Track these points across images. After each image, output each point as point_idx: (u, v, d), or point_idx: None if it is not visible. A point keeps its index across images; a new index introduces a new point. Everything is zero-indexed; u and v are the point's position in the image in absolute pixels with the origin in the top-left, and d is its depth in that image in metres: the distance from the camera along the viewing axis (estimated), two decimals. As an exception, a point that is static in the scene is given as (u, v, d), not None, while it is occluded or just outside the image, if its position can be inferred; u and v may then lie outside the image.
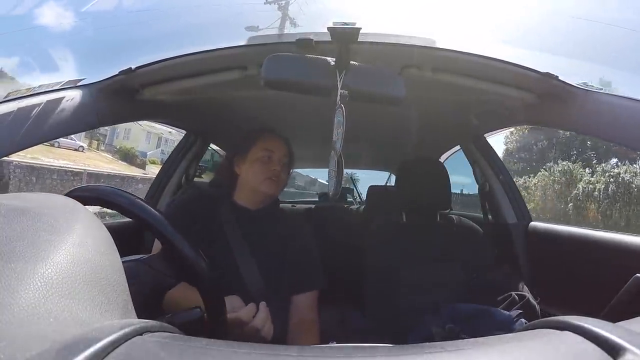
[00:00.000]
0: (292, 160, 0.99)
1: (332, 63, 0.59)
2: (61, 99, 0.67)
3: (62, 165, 11.19)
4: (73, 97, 0.69)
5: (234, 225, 0.86)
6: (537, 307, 0.95)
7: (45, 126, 0.63)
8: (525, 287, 1.01)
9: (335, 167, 0.58)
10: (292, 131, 1.56)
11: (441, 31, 0.79)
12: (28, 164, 9.53)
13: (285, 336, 0.84)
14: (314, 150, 2.04)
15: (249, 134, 0.97)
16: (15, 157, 9.61)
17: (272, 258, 0.86)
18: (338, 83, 0.57)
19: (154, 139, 22.80)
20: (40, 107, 0.63)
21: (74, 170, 11.01)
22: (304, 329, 0.85)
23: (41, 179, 9.51)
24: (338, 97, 0.56)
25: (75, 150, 16.19)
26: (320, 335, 0.85)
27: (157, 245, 0.83)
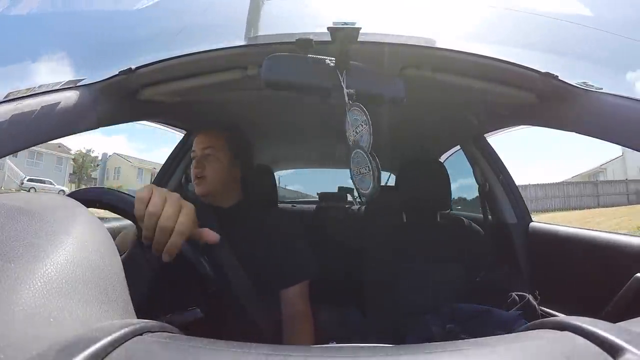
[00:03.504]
0: (225, 148, 0.93)
1: (332, 63, 0.60)
2: (61, 99, 0.67)
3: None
4: (73, 97, 0.69)
5: (211, 225, 0.86)
6: (537, 307, 0.95)
7: (45, 126, 0.63)
8: (526, 287, 1.01)
9: (367, 165, 0.56)
10: (292, 131, 1.57)
11: (441, 31, 0.79)
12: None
13: (279, 332, 0.83)
14: (314, 151, 2.04)
15: (205, 127, 0.99)
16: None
17: (253, 254, 0.85)
18: (342, 83, 0.57)
19: (146, 175, 21.32)
20: (40, 107, 0.63)
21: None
22: (296, 322, 0.85)
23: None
24: (346, 97, 0.56)
25: (56, 195, 15.24)
26: (320, 335, 0.85)
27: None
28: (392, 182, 2.28)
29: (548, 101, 0.80)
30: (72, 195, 0.48)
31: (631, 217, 8.56)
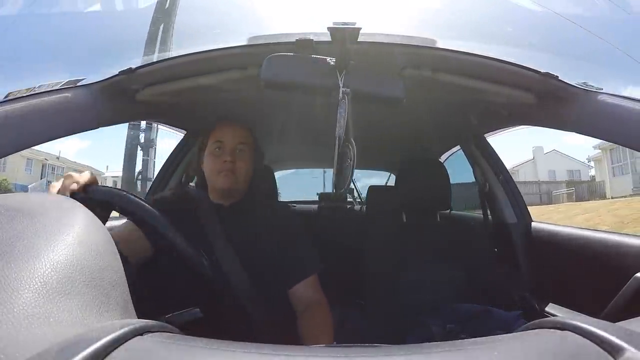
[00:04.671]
0: (253, 145, 0.93)
1: (332, 63, 0.59)
2: (61, 99, 0.66)
3: None
4: (73, 97, 0.69)
5: (213, 224, 0.83)
6: (537, 307, 0.96)
7: (45, 127, 0.63)
8: (526, 287, 1.01)
9: (340, 160, 0.56)
10: (292, 131, 1.57)
11: (441, 31, 0.79)
12: None
13: (279, 331, 0.81)
14: (314, 150, 2.04)
15: (206, 127, 0.94)
16: None
17: (255, 253, 0.83)
18: (339, 82, 0.57)
19: (36, 167, 18.49)
20: (40, 107, 0.63)
21: None
22: (313, 313, 0.83)
23: None
24: (340, 93, 0.56)
25: None
26: None
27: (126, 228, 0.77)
28: (392, 182, 2.28)
29: (548, 101, 0.80)
30: (72, 195, 0.48)
31: (600, 213, 8.64)
